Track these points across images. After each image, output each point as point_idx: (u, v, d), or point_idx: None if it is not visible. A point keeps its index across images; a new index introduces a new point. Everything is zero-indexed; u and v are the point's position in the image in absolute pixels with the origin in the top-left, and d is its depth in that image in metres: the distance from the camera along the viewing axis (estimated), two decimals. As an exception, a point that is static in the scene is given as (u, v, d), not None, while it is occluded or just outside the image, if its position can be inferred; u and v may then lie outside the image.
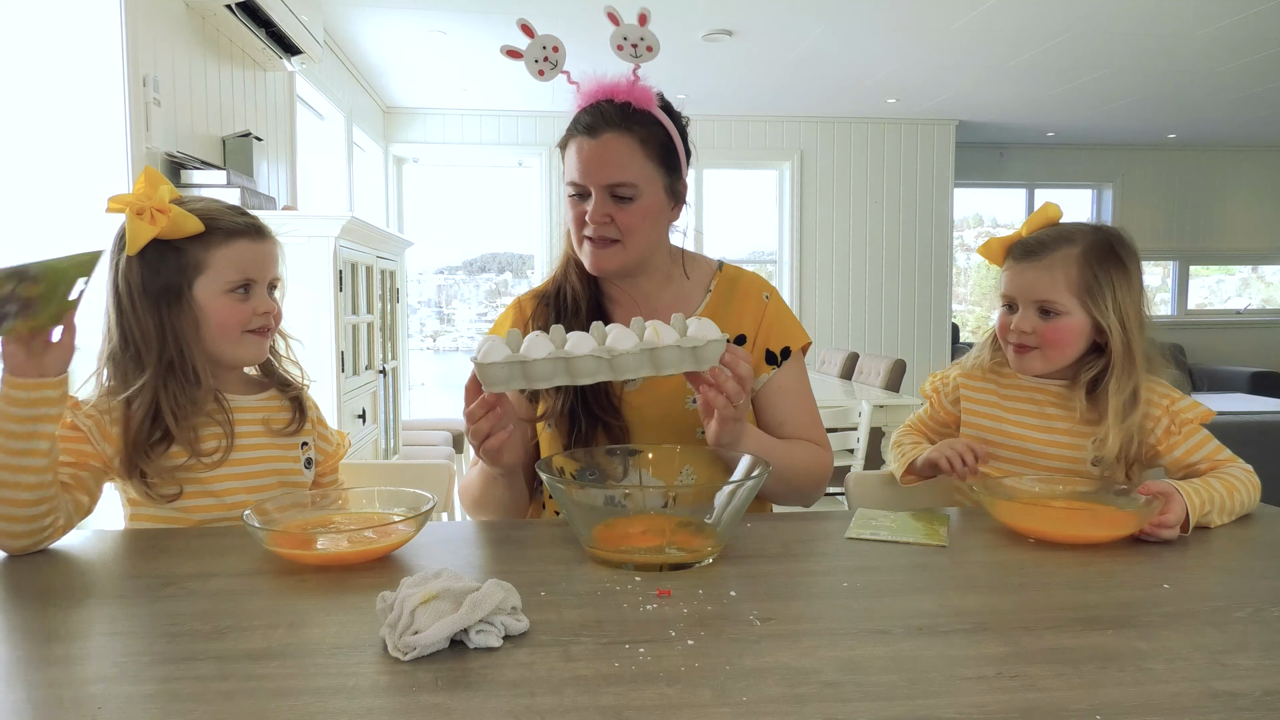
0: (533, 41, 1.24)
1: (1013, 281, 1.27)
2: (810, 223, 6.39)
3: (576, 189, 1.25)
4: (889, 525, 1.09)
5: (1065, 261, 1.23)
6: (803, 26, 4.30)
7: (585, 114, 1.24)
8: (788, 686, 0.64)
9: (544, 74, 1.25)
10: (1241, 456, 1.19)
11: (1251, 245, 7.61)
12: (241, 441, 1.17)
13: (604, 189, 1.23)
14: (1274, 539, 1.07)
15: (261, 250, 1.19)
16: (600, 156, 1.21)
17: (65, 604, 0.84)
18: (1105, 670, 0.67)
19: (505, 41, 1.30)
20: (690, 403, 1.29)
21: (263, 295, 1.20)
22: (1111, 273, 1.22)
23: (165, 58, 2.50)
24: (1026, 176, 7.30)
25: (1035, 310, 1.24)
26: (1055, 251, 1.23)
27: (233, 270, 1.16)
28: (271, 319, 1.21)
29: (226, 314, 1.15)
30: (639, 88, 1.24)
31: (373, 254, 3.34)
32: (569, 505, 0.96)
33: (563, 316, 1.31)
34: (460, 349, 7.11)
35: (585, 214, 1.24)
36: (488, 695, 0.63)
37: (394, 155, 5.96)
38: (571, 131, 1.25)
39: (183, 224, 1.12)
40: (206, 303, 1.15)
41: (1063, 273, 1.22)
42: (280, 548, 0.93)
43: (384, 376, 3.67)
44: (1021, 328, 1.25)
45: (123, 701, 0.62)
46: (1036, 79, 5.22)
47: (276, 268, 1.23)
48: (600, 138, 1.22)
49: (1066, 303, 1.22)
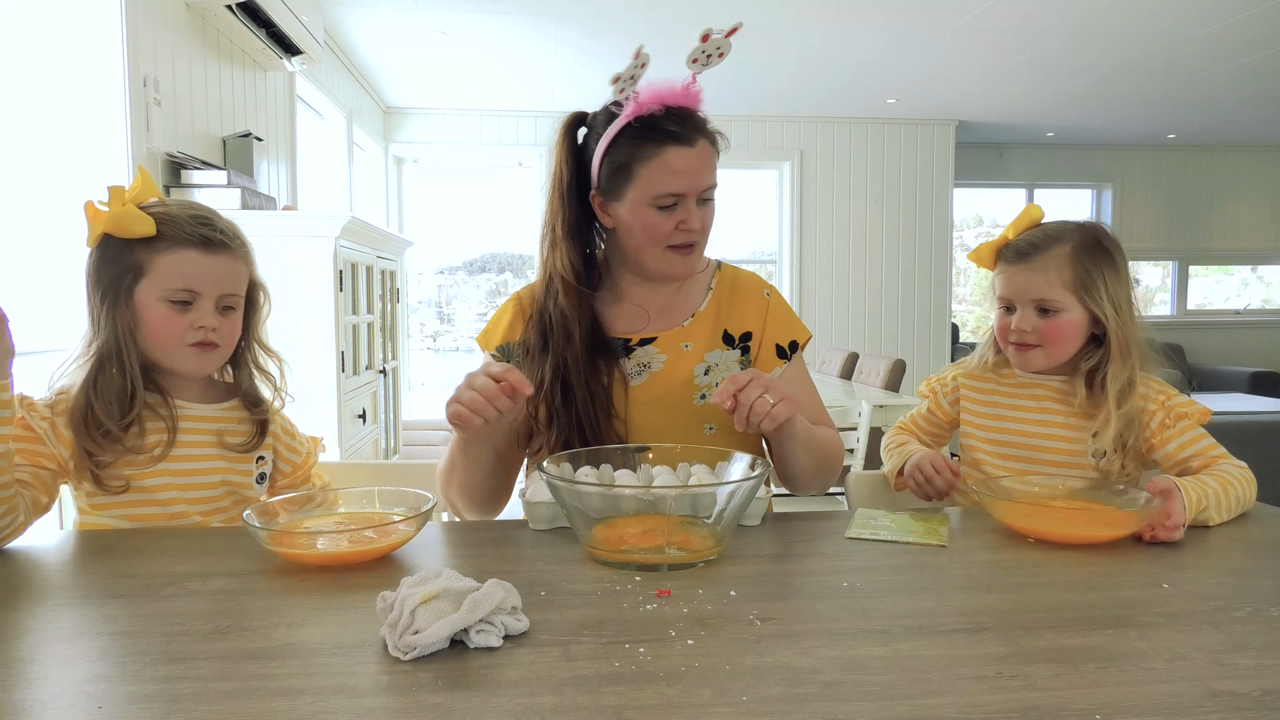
0: (719, 38, 1.23)
1: (1009, 284, 1.30)
2: (810, 223, 6.39)
3: (674, 199, 1.23)
4: (889, 525, 1.09)
5: (1058, 260, 1.26)
6: (803, 26, 4.30)
7: (670, 122, 1.21)
8: (788, 686, 0.64)
9: (696, 62, 1.25)
10: (1241, 456, 1.19)
11: (1251, 245, 7.61)
12: (189, 451, 1.16)
13: (698, 195, 1.25)
14: (1273, 538, 1.07)
15: (210, 263, 1.14)
16: (699, 165, 1.23)
17: (66, 603, 0.84)
18: (1105, 670, 0.67)
19: (505, 41, 1.30)
20: (699, 399, 1.30)
21: (206, 310, 1.14)
22: (1101, 265, 1.26)
23: (165, 58, 2.50)
24: (1026, 176, 7.29)
25: (1033, 309, 1.27)
26: (1047, 251, 1.26)
27: (173, 279, 1.12)
28: (217, 336, 1.15)
29: (160, 323, 1.12)
30: (693, 91, 1.25)
31: (373, 254, 3.35)
32: (569, 504, 0.96)
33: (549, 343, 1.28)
34: (460, 349, 7.11)
35: (677, 223, 1.24)
36: (488, 695, 0.63)
37: (394, 155, 5.97)
38: (655, 141, 1.21)
39: (130, 224, 1.10)
40: (143, 307, 1.12)
41: (1056, 271, 1.26)
42: (280, 548, 0.93)
43: (384, 376, 3.67)
44: (1022, 327, 1.28)
45: (123, 701, 0.62)
46: (1036, 79, 5.22)
47: (232, 284, 1.17)
48: (697, 145, 1.23)
49: (1063, 299, 1.25)
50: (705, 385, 1.31)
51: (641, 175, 1.22)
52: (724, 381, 1.09)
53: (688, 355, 1.32)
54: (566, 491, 0.95)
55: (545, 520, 1.09)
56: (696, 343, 1.33)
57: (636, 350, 1.31)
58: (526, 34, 4.28)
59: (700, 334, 1.34)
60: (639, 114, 1.21)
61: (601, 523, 0.96)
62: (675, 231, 1.25)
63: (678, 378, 1.30)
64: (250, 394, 1.24)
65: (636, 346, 1.32)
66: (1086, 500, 1.14)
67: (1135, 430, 1.23)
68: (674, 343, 1.32)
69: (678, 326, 1.34)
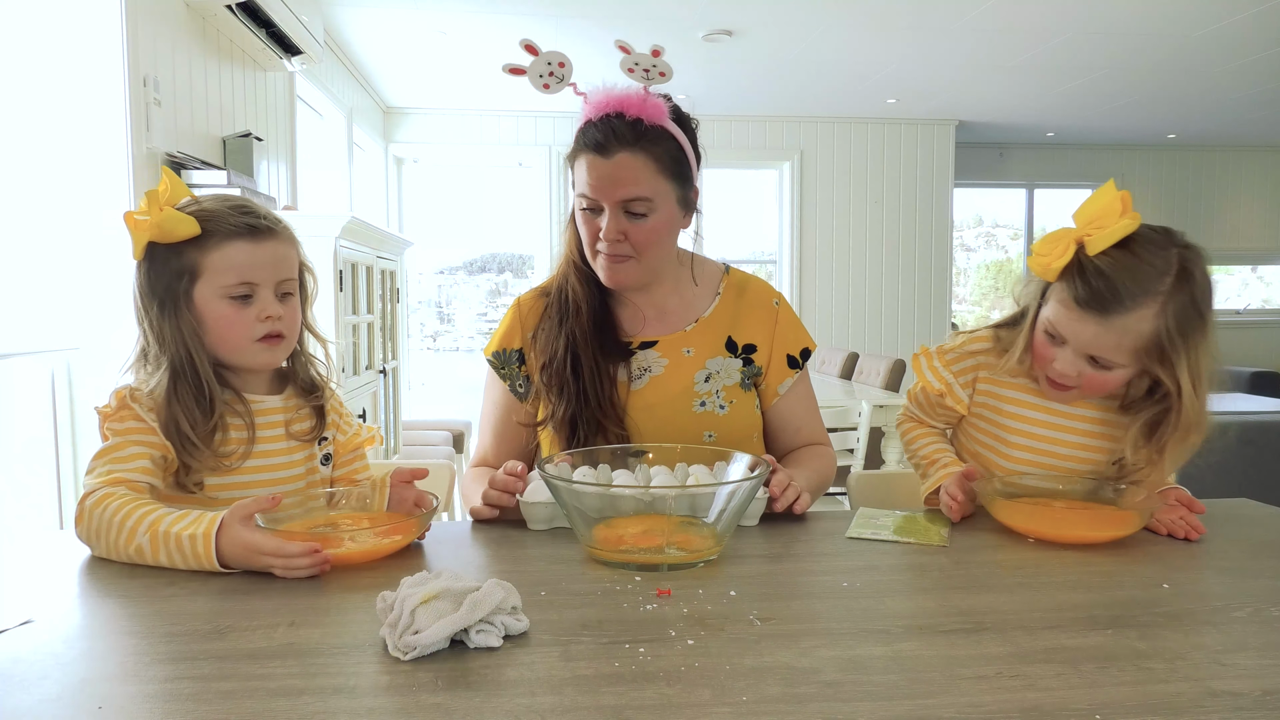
0: (536, 59, 1.23)
1: (1069, 327, 1.08)
2: (810, 223, 6.39)
3: (589, 202, 1.24)
4: (890, 525, 1.09)
5: (1138, 323, 1.04)
6: (803, 26, 4.30)
7: (595, 130, 1.21)
8: (787, 686, 0.64)
9: (549, 88, 1.24)
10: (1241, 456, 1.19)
11: (1251, 245, 7.60)
12: (268, 446, 1.14)
13: (618, 205, 1.22)
14: (1273, 538, 1.07)
15: (262, 252, 1.10)
16: (613, 176, 1.20)
17: (66, 603, 0.84)
18: (1105, 670, 0.67)
19: (505, 40, 1.30)
20: (698, 406, 1.30)
21: (268, 300, 1.11)
22: (1190, 336, 1.05)
23: (165, 58, 2.50)
24: (1026, 176, 7.29)
25: (1085, 360, 1.09)
26: (1130, 312, 1.04)
27: (229, 274, 1.08)
28: (282, 325, 1.13)
29: (225, 322, 1.09)
30: (651, 103, 1.22)
31: (373, 254, 3.35)
32: (569, 505, 0.96)
33: (564, 319, 1.31)
34: (460, 349, 7.10)
35: (599, 229, 1.23)
36: (488, 695, 0.63)
37: (394, 155, 5.96)
38: (582, 146, 1.22)
39: (174, 227, 1.07)
40: (204, 309, 1.09)
41: (1133, 338, 1.05)
42: None
43: (384, 376, 3.67)
44: (1065, 372, 1.11)
45: (123, 701, 0.62)
46: (1036, 79, 5.22)
47: (287, 269, 1.14)
48: (613, 157, 1.19)
49: (1125, 360, 1.08)
50: (705, 393, 1.30)
51: (574, 176, 1.25)
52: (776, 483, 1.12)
53: (689, 361, 1.31)
54: (565, 491, 0.95)
55: (543, 521, 1.09)
56: (699, 349, 1.32)
57: (638, 354, 1.31)
58: (527, 33, 4.28)
59: (703, 340, 1.33)
60: (585, 117, 1.24)
61: (601, 523, 0.96)
62: (598, 240, 1.24)
63: (678, 384, 1.30)
64: (306, 380, 1.22)
65: (638, 350, 1.32)
66: (1086, 500, 1.14)
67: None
68: (675, 348, 1.32)
69: (680, 331, 1.34)
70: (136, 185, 2.26)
